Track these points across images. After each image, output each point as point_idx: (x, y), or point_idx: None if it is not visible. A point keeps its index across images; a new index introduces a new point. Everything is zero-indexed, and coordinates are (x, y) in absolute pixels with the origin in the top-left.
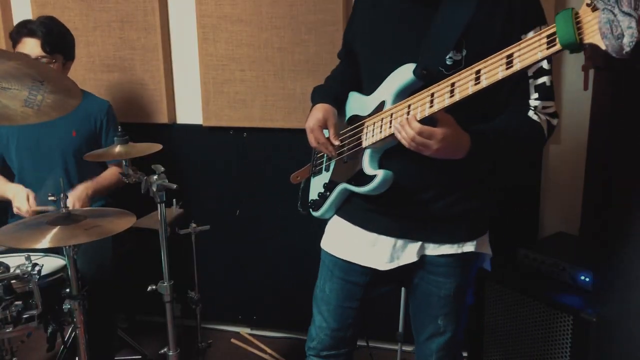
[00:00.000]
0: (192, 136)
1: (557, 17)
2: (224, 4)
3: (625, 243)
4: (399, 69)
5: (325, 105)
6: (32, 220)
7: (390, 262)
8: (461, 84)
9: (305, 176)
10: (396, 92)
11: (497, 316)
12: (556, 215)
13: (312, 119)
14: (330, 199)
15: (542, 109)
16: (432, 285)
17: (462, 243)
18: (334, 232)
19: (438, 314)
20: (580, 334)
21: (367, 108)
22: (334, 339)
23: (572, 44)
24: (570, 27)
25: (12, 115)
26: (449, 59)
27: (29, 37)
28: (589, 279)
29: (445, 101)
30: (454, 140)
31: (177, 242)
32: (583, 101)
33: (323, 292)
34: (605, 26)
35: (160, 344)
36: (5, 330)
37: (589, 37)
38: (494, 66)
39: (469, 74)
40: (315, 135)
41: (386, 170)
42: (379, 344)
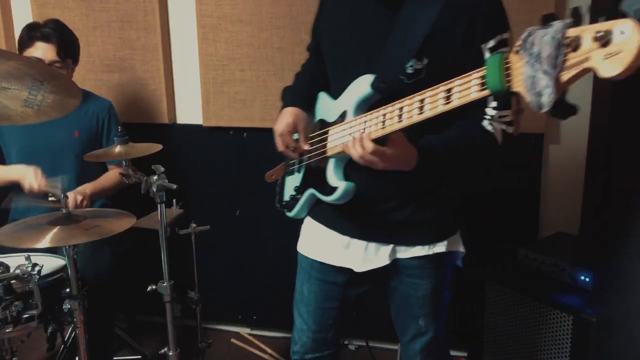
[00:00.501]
0: (192, 136)
1: (488, 60)
2: (224, 4)
3: (625, 243)
4: (358, 80)
5: (295, 109)
6: (32, 220)
7: (363, 265)
8: (408, 110)
9: (279, 175)
10: (356, 104)
11: (497, 316)
12: (556, 215)
13: (282, 123)
14: (300, 202)
15: (498, 117)
16: (409, 287)
17: (433, 244)
18: (309, 235)
19: (418, 314)
20: (580, 334)
21: (332, 115)
22: (315, 341)
23: (499, 91)
24: (498, 75)
25: (12, 115)
26: (409, 67)
27: (44, 42)
28: (589, 279)
29: (395, 125)
30: (402, 158)
31: (177, 242)
32: (583, 101)
33: (302, 294)
34: (527, 81)
35: (160, 344)
36: (5, 330)
37: (517, 85)
38: (435, 98)
39: (415, 101)
40: (284, 139)
41: (348, 183)
42: (379, 344)
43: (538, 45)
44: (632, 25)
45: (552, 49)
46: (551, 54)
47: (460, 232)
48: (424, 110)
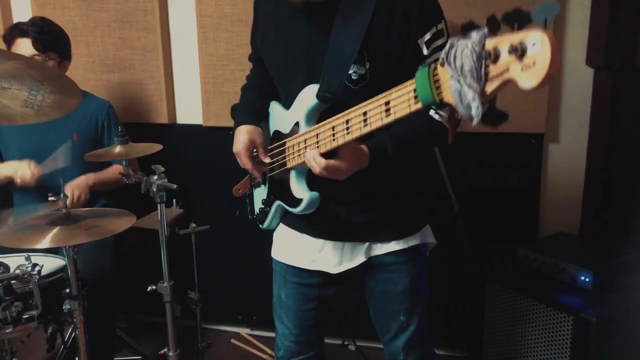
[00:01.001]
0: (192, 136)
1: (417, 74)
2: (224, 4)
3: (625, 243)
4: (305, 91)
5: (249, 126)
6: (32, 221)
7: (340, 265)
8: (353, 123)
9: (246, 188)
10: (306, 115)
11: (497, 316)
12: (556, 215)
13: (239, 143)
14: (270, 214)
15: None
16: (387, 284)
17: (407, 237)
18: (282, 241)
19: (399, 310)
20: (580, 334)
21: (286, 126)
22: (298, 344)
23: (431, 103)
24: (427, 87)
25: (12, 115)
26: (354, 74)
27: (21, 37)
28: (589, 279)
29: (345, 137)
30: (356, 165)
31: (177, 242)
32: (583, 101)
33: (279, 299)
34: (455, 94)
35: (160, 344)
36: (5, 330)
37: (448, 97)
38: (376, 112)
39: (359, 114)
40: (243, 160)
41: (312, 193)
42: (373, 344)
43: (460, 59)
44: (540, 36)
45: (473, 62)
46: (472, 67)
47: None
48: (368, 122)
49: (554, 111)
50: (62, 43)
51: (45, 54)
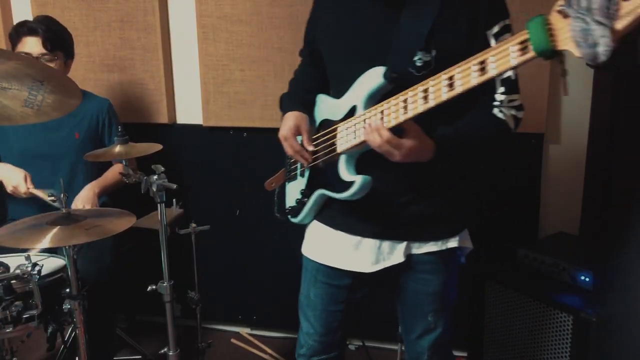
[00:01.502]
0: (192, 136)
1: (528, 25)
2: (224, 4)
3: (625, 243)
4: (368, 73)
5: (295, 112)
6: (32, 220)
7: (376, 264)
8: (435, 90)
9: (279, 182)
10: (367, 97)
11: (497, 316)
12: (556, 215)
13: (285, 127)
14: (308, 205)
15: (507, 102)
16: (420, 284)
17: (446, 239)
18: (315, 238)
19: (428, 310)
20: (580, 334)
21: (339, 113)
22: (322, 343)
23: (546, 51)
24: (543, 34)
25: (12, 115)
26: (418, 60)
27: (30, 35)
28: (589, 279)
29: (419, 108)
30: (419, 150)
31: (177, 242)
32: (583, 101)
33: (307, 298)
34: (578, 34)
35: (160, 344)
36: (5, 330)
37: (563, 44)
38: (467, 72)
39: (442, 79)
40: (289, 143)
41: (364, 176)
42: (379, 344)
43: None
44: None
45: (603, 0)
46: (602, 4)
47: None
48: (455, 86)
49: (554, 111)
50: (68, 41)
51: (53, 53)
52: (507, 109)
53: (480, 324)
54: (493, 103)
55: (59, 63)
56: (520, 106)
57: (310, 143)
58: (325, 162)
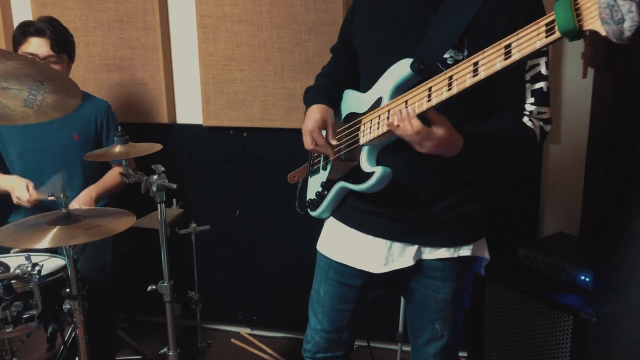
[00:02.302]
0: (192, 136)
1: (555, 5)
2: (224, 4)
3: (625, 243)
4: (396, 64)
5: (321, 105)
6: (32, 220)
7: (385, 265)
8: (459, 77)
9: (302, 176)
10: (393, 88)
11: (497, 316)
12: (556, 215)
13: (310, 120)
14: (328, 198)
15: (537, 114)
16: (430, 290)
17: (459, 247)
18: (330, 234)
19: (436, 318)
20: (580, 334)
21: (364, 105)
22: (328, 341)
23: (571, 31)
24: (570, 14)
25: (12, 115)
26: (450, 59)
27: (37, 36)
28: (589, 279)
29: (443, 95)
30: (448, 142)
31: (177, 242)
32: (583, 101)
33: (318, 294)
34: (605, 11)
35: (160, 344)
36: (5, 330)
37: (589, 23)
38: (492, 57)
39: (467, 66)
40: (314, 136)
41: (384, 167)
42: (379, 344)
43: None
44: None
45: None
46: None
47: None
48: (479, 71)
49: (554, 111)
50: (72, 44)
51: (59, 55)
52: (536, 120)
53: (480, 324)
54: (523, 112)
55: (63, 65)
56: (549, 120)
57: (334, 137)
58: (347, 155)
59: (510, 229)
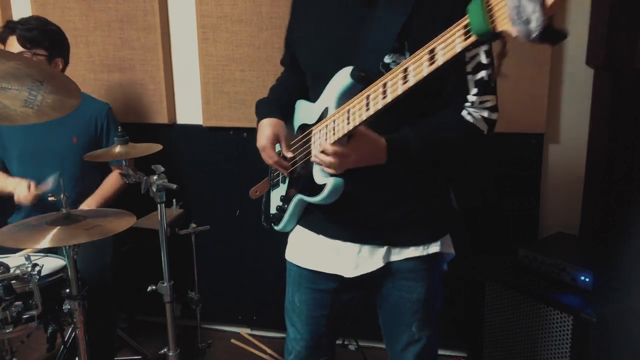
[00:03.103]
0: (192, 136)
1: (469, 7)
2: (224, 4)
3: (625, 243)
4: (338, 74)
5: (272, 119)
6: (32, 221)
7: (356, 269)
8: (392, 84)
9: (264, 190)
10: (337, 97)
11: (497, 316)
12: (556, 215)
13: (262, 136)
14: (288, 212)
15: (479, 103)
16: (404, 291)
17: (427, 244)
18: (297, 243)
19: (411, 320)
20: (580, 334)
21: (313, 116)
22: (309, 349)
23: (485, 33)
24: (481, 16)
25: (12, 115)
26: (393, 63)
27: (10, 35)
28: (589, 279)
29: (379, 103)
30: (367, 154)
31: (177, 242)
32: (583, 101)
33: (293, 304)
34: (513, 12)
35: (160, 344)
36: (5, 330)
37: (501, 25)
38: (419, 62)
39: (398, 72)
40: (267, 153)
41: (336, 178)
42: (373, 344)
43: None
44: None
45: None
46: None
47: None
48: (408, 78)
49: (554, 111)
50: (53, 39)
51: (32, 49)
52: (478, 110)
53: (480, 323)
54: (465, 104)
55: (40, 60)
56: (494, 107)
57: (288, 150)
58: (302, 167)
59: (510, 229)
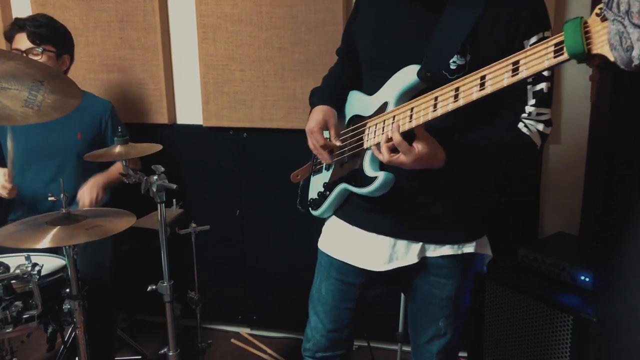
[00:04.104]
0: (192, 136)
1: (565, 26)
2: (224, 4)
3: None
4: (403, 70)
5: (325, 106)
6: (32, 221)
7: (389, 263)
8: (466, 89)
9: (305, 175)
10: (399, 94)
11: (497, 316)
12: (556, 215)
13: (312, 120)
14: (329, 199)
15: (536, 115)
16: (434, 287)
17: (462, 244)
18: (331, 233)
19: (439, 315)
20: (580, 334)
21: (370, 108)
22: (329, 340)
23: (579, 54)
24: (579, 37)
25: (12, 115)
26: (452, 64)
27: (19, 32)
28: (589, 279)
29: (449, 106)
30: (429, 157)
31: (177, 242)
32: (583, 101)
33: (319, 292)
34: (614, 37)
35: (160, 344)
36: (5, 330)
37: (598, 47)
38: (499, 72)
39: (474, 79)
40: (315, 137)
41: (387, 173)
42: (379, 344)
43: (626, 3)
44: None
45: None
46: None
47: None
48: (485, 86)
49: (554, 111)
50: (60, 36)
51: (41, 46)
52: (534, 122)
53: (480, 323)
54: (521, 115)
55: (49, 56)
56: (549, 121)
57: (337, 138)
58: (351, 157)
59: (510, 229)
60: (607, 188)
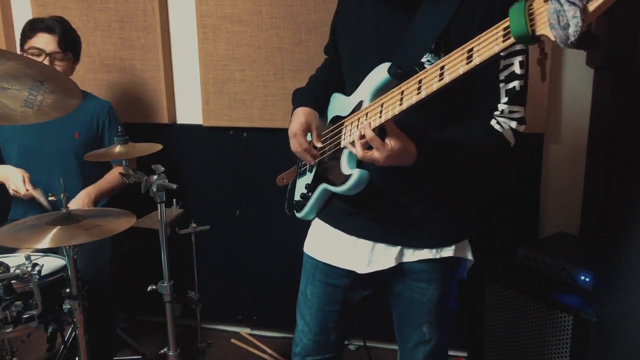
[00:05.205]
0: (192, 136)
1: (510, 10)
2: (224, 4)
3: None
4: (376, 69)
5: (306, 108)
6: (32, 220)
7: (368, 266)
8: (427, 81)
9: (291, 178)
10: (373, 91)
11: (497, 316)
12: (556, 215)
13: (295, 123)
14: (311, 200)
15: (508, 113)
16: (415, 292)
17: (441, 248)
18: (315, 235)
19: (422, 321)
20: (580, 334)
21: (347, 108)
22: (317, 343)
23: (524, 36)
24: (522, 19)
25: (12, 115)
26: (427, 62)
27: (46, 33)
28: (589, 279)
29: (413, 99)
30: (401, 153)
31: (177, 242)
32: (583, 101)
33: (305, 296)
34: (552, 16)
35: (160, 344)
36: (5, 330)
37: (541, 28)
38: (456, 61)
39: (434, 70)
40: (298, 139)
41: (362, 170)
42: (378, 344)
43: None
44: None
45: None
46: None
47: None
48: (444, 76)
49: (554, 111)
50: (78, 45)
51: (64, 53)
52: (507, 120)
53: (480, 323)
54: (494, 113)
55: (67, 64)
56: (522, 119)
57: (318, 140)
58: (330, 157)
59: (510, 229)
60: (607, 188)
